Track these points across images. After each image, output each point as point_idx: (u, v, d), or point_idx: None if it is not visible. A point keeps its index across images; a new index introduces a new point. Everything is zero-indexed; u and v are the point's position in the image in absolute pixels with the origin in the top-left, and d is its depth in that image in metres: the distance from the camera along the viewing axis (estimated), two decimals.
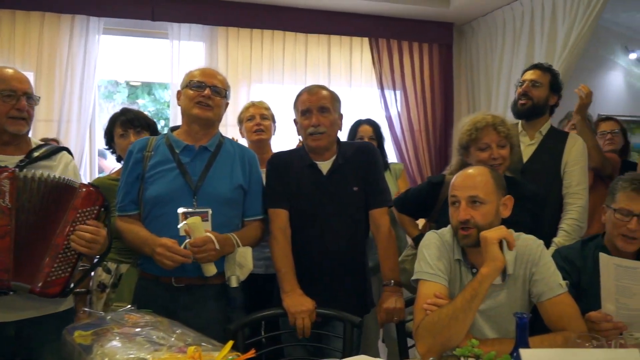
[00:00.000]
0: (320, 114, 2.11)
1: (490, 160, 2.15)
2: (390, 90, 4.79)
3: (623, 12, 4.75)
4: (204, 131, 2.05)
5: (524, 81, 2.69)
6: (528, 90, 2.66)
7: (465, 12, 4.71)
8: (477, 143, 2.18)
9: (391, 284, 2.13)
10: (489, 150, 2.16)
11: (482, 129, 2.18)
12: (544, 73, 2.69)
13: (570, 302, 1.67)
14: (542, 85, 2.65)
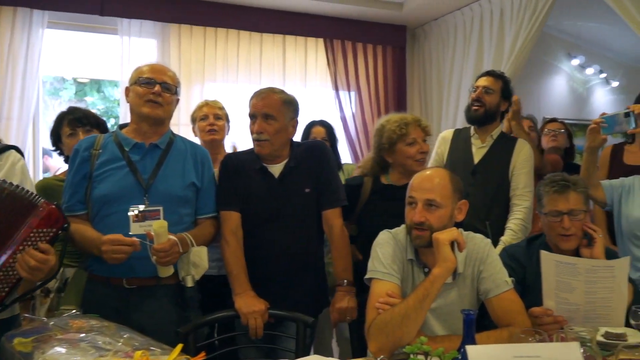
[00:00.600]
0: (264, 121, 2.09)
1: (418, 154, 2.25)
2: (345, 91, 4.83)
3: (566, 20, 4.96)
4: (154, 129, 2.01)
5: (477, 87, 2.76)
6: (481, 97, 2.73)
7: (417, 15, 4.80)
8: (406, 138, 2.27)
9: (344, 284, 2.14)
10: (417, 145, 2.27)
11: (410, 124, 2.29)
12: (496, 80, 2.77)
13: (516, 299, 1.73)
14: (494, 92, 2.73)
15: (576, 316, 1.74)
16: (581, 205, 1.96)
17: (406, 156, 2.28)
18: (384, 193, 2.34)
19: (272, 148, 2.12)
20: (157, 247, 1.81)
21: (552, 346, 1.22)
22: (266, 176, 2.15)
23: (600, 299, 1.74)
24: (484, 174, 2.66)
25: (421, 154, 2.28)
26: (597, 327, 1.62)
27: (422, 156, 2.28)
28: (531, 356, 1.13)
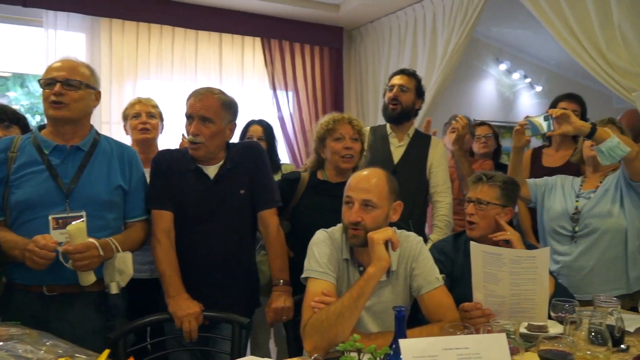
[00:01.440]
0: (201, 123, 2.04)
1: (343, 150, 2.27)
2: (283, 90, 4.82)
3: (494, 26, 5.19)
4: (72, 129, 1.91)
5: (393, 86, 2.82)
6: (398, 95, 2.79)
7: (354, 17, 4.87)
8: (333, 134, 2.29)
9: (280, 284, 2.14)
10: (344, 141, 2.29)
11: (339, 120, 2.32)
12: (410, 78, 2.84)
13: (446, 294, 1.79)
14: (409, 90, 2.80)
15: (503, 310, 1.82)
16: (490, 198, 2.07)
17: (333, 151, 2.30)
18: (318, 188, 2.36)
19: (206, 151, 2.08)
20: (70, 247, 1.72)
21: (480, 337, 1.28)
22: (201, 177, 2.11)
23: (524, 291, 1.83)
24: (404, 173, 2.71)
25: (347, 150, 2.28)
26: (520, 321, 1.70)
27: (347, 152, 2.28)
28: (460, 347, 1.18)
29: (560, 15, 3.11)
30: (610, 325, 1.60)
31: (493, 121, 5.40)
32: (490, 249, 1.85)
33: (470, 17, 3.81)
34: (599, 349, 1.48)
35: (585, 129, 2.12)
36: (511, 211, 2.17)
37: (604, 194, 2.31)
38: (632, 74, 2.78)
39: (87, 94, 1.91)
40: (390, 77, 2.92)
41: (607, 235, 2.27)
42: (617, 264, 2.27)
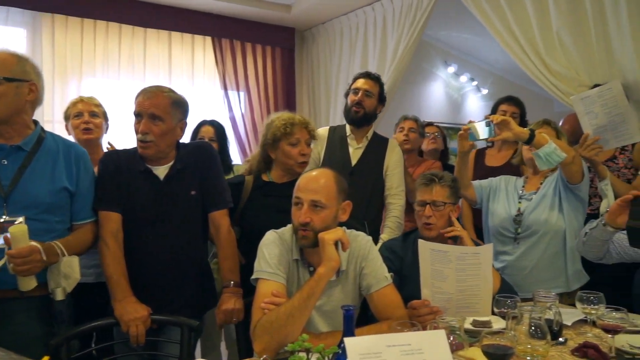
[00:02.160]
0: (151, 121, 1.99)
1: (299, 156, 2.28)
2: (234, 91, 4.79)
3: (442, 30, 5.32)
4: (11, 128, 1.80)
5: (358, 89, 2.84)
6: (362, 100, 2.81)
7: (305, 18, 4.89)
8: (290, 138, 2.28)
9: (230, 285, 2.11)
10: (299, 146, 2.29)
11: (296, 124, 2.30)
12: (375, 83, 2.88)
13: (394, 293, 1.82)
14: (373, 96, 2.84)
15: (449, 306, 1.87)
16: (444, 198, 2.13)
17: (287, 156, 2.29)
18: (264, 190, 2.35)
19: (156, 150, 2.02)
20: (13, 252, 1.63)
21: (421, 334, 1.31)
22: (151, 178, 2.05)
23: (469, 287, 1.89)
24: (361, 176, 2.76)
25: (302, 156, 2.30)
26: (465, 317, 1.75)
27: (303, 158, 2.30)
28: (403, 344, 1.20)
29: (503, 21, 3.22)
30: (549, 320, 1.66)
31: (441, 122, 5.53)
32: (437, 246, 1.89)
33: (419, 20, 3.89)
34: (538, 343, 1.54)
35: (524, 135, 2.20)
36: (459, 208, 2.24)
37: (543, 197, 2.40)
38: (569, 78, 2.91)
39: (10, 88, 1.75)
40: (355, 78, 2.92)
41: (547, 236, 2.36)
42: (557, 263, 2.37)
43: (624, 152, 2.66)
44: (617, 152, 2.65)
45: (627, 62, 2.71)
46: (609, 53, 2.80)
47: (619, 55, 2.75)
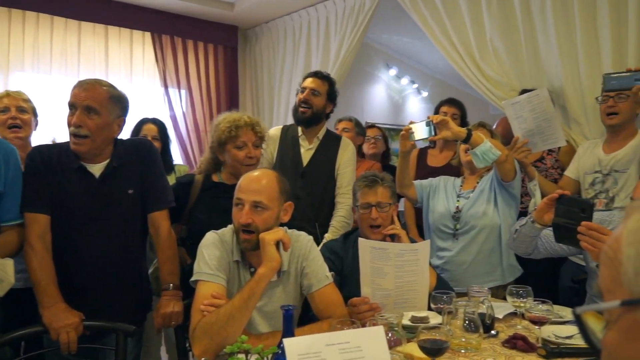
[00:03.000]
0: (86, 114, 1.88)
1: (246, 159, 2.25)
2: (175, 88, 4.68)
3: (384, 33, 5.42)
4: None
5: (305, 88, 2.82)
6: (309, 99, 2.79)
7: (248, 17, 4.85)
8: (236, 141, 2.25)
9: (170, 288, 2.06)
10: (246, 148, 2.26)
11: (241, 127, 2.25)
12: (323, 82, 2.84)
13: (335, 292, 1.83)
14: (321, 95, 2.81)
15: (388, 302, 1.91)
16: (387, 199, 2.17)
17: (234, 159, 2.26)
18: (214, 191, 2.31)
19: (91, 146, 1.92)
20: None
21: (360, 331, 1.33)
22: (85, 176, 1.96)
23: (407, 283, 1.94)
24: (312, 177, 2.74)
25: (249, 159, 2.26)
26: (403, 313, 1.80)
27: (250, 161, 2.26)
28: (342, 342, 1.22)
29: (441, 27, 3.33)
30: (482, 314, 1.73)
31: (383, 124, 5.64)
32: (377, 244, 1.93)
33: (362, 22, 3.95)
34: (472, 336, 1.61)
35: (462, 134, 2.29)
36: (397, 206, 2.29)
37: (480, 194, 2.50)
38: (502, 83, 3.04)
39: None
40: (304, 78, 2.90)
41: (484, 231, 2.45)
42: (493, 257, 2.47)
43: (551, 153, 2.81)
44: (545, 153, 2.80)
45: (553, 69, 2.87)
46: (538, 60, 2.95)
47: (546, 63, 2.91)
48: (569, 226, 1.75)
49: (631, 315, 0.48)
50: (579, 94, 2.78)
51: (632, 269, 0.48)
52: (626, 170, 2.33)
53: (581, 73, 2.76)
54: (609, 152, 2.42)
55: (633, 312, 0.47)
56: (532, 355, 1.57)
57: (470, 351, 1.59)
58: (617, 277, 0.50)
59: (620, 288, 0.49)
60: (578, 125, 2.81)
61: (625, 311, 0.48)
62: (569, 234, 1.75)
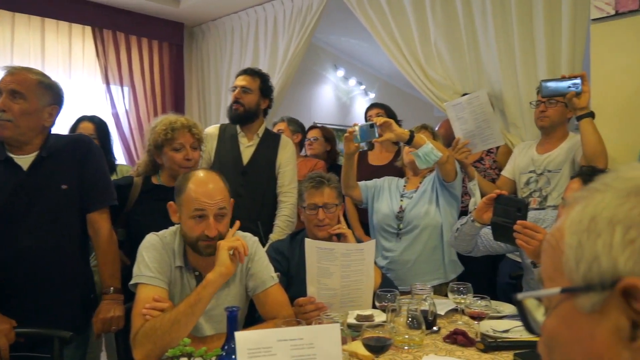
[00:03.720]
0: (11, 98, 1.82)
1: (184, 161, 2.22)
2: (118, 85, 4.53)
3: (332, 34, 5.46)
4: None
5: (236, 87, 2.79)
6: (240, 97, 2.76)
7: (195, 14, 4.76)
8: (172, 143, 2.21)
9: (110, 292, 2.00)
10: (184, 151, 2.23)
11: (178, 129, 2.22)
12: (253, 79, 2.80)
13: (281, 292, 1.83)
14: (252, 92, 2.78)
15: (334, 301, 1.93)
16: (334, 200, 2.19)
17: (172, 161, 2.22)
18: (153, 193, 2.26)
19: (15, 132, 1.84)
20: None
21: (314, 328, 1.33)
22: (12, 168, 1.86)
23: (353, 282, 1.97)
24: (254, 174, 2.72)
25: (187, 161, 2.22)
26: (348, 312, 1.82)
27: (188, 163, 2.22)
28: (294, 339, 1.21)
29: (387, 30, 3.40)
30: (424, 311, 1.78)
31: (331, 124, 5.69)
32: (323, 244, 1.94)
33: (309, 23, 3.96)
34: (415, 332, 1.65)
35: (405, 136, 2.34)
36: (343, 206, 2.32)
37: (422, 194, 2.56)
38: (445, 86, 3.14)
39: None
40: (236, 76, 2.87)
41: (426, 230, 2.51)
42: (436, 255, 2.53)
43: (490, 154, 2.92)
44: (484, 154, 2.91)
45: (493, 74, 2.99)
46: (479, 65, 3.06)
47: (487, 68, 3.02)
48: (506, 225, 1.83)
49: (570, 303, 0.50)
50: (516, 98, 2.90)
51: (573, 257, 0.50)
52: (559, 171, 2.45)
53: (518, 79, 2.88)
54: (542, 152, 2.54)
55: (572, 299, 0.50)
56: (471, 350, 1.63)
57: (413, 347, 1.63)
58: (558, 265, 0.52)
59: (561, 276, 0.51)
60: (516, 128, 2.93)
61: (564, 298, 0.50)
62: (506, 232, 1.83)
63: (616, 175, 0.52)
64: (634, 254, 0.46)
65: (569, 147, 2.44)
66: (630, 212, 0.47)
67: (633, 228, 0.46)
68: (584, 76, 2.22)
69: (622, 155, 2.39)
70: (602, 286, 0.47)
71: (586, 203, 0.51)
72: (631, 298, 0.45)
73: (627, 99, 2.41)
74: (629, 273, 0.45)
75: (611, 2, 2.40)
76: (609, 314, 0.46)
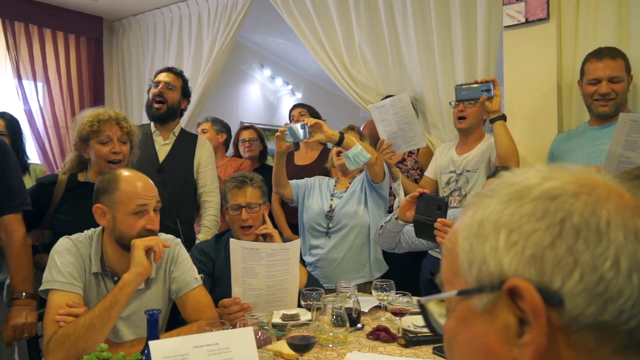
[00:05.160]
0: None
1: (110, 155, 2.13)
2: (30, 80, 4.26)
3: (259, 33, 5.43)
4: None
5: (159, 82, 2.74)
6: (164, 92, 2.71)
7: (114, 8, 4.58)
8: (99, 136, 2.11)
9: (22, 297, 1.89)
10: (111, 144, 2.13)
11: (105, 121, 2.12)
12: (177, 77, 2.79)
13: (204, 294, 1.80)
14: (175, 89, 2.76)
15: (259, 301, 1.91)
16: (257, 199, 2.18)
17: (98, 155, 2.12)
18: (79, 190, 2.14)
19: None
20: None
21: (229, 332, 1.32)
22: None
23: (279, 282, 1.96)
24: (171, 172, 2.68)
25: (114, 154, 2.13)
26: (272, 311, 1.82)
27: (115, 157, 2.13)
28: (210, 344, 1.20)
29: (313, 32, 3.43)
30: (349, 308, 1.81)
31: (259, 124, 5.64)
32: (248, 244, 1.93)
33: (235, 21, 3.92)
34: (339, 330, 1.67)
35: (335, 138, 2.37)
36: (269, 206, 2.31)
37: (351, 195, 2.60)
38: (370, 88, 3.21)
39: None
40: (156, 74, 2.82)
41: (355, 229, 2.56)
42: (362, 254, 2.59)
43: (411, 155, 3.02)
44: (406, 155, 3.00)
45: (414, 76, 3.09)
46: (402, 68, 3.16)
47: (409, 71, 3.12)
48: (427, 222, 1.90)
49: (466, 304, 0.52)
50: (436, 100, 3.02)
51: (466, 260, 0.52)
52: (476, 170, 2.57)
53: (438, 81, 3.00)
54: (461, 153, 2.66)
55: (467, 300, 0.52)
56: (393, 345, 1.67)
57: (337, 345, 1.65)
58: (455, 268, 0.54)
59: (458, 278, 0.53)
60: (436, 129, 3.05)
61: (461, 299, 0.53)
62: (427, 230, 1.90)
63: (501, 181, 0.55)
64: (516, 255, 0.48)
65: (485, 148, 2.57)
66: (512, 216, 0.50)
67: (515, 231, 0.49)
68: (495, 81, 2.35)
69: (533, 156, 2.55)
70: (491, 287, 0.49)
71: (476, 209, 0.54)
72: (516, 297, 0.47)
73: (538, 102, 2.58)
74: (513, 274, 0.48)
75: (522, 10, 2.55)
76: (499, 313, 0.49)
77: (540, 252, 0.47)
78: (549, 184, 0.51)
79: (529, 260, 0.47)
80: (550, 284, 0.46)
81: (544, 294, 0.46)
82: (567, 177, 0.51)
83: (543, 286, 0.46)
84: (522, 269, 0.48)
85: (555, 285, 0.46)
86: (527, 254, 0.48)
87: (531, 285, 0.46)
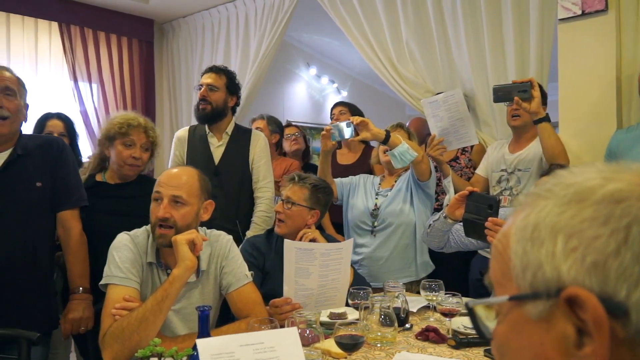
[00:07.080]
0: (5, 96, 1.83)
1: (130, 159, 2.21)
2: (86, 82, 4.43)
3: (305, 33, 5.45)
4: None
5: (202, 85, 2.75)
6: (206, 95, 2.71)
7: (164, 10, 4.69)
8: (124, 138, 2.21)
9: (79, 291, 1.97)
10: (134, 148, 2.22)
11: (135, 127, 2.22)
12: (219, 76, 2.76)
13: (254, 290, 1.82)
14: (219, 89, 2.73)
15: (310, 301, 1.92)
16: (299, 199, 2.19)
17: (119, 156, 2.21)
18: (94, 190, 2.22)
19: (12, 128, 1.87)
20: None
21: (274, 332, 1.33)
22: None
23: (331, 281, 1.96)
24: (226, 174, 2.69)
25: (134, 159, 2.21)
26: (320, 310, 1.82)
27: (134, 162, 2.22)
28: (255, 343, 1.21)
29: (360, 29, 3.41)
30: (397, 308, 1.79)
31: (304, 122, 5.67)
32: (303, 245, 1.94)
33: (281, 21, 3.95)
34: (387, 330, 1.65)
35: (381, 136, 2.35)
36: (317, 214, 2.24)
37: (397, 193, 2.58)
38: (417, 84, 3.16)
39: None
40: (202, 74, 2.83)
41: (400, 228, 2.53)
42: (408, 253, 2.55)
43: (465, 153, 2.95)
44: (459, 152, 2.95)
45: (464, 72, 3.02)
46: (451, 64, 3.09)
47: (458, 66, 3.06)
48: (477, 221, 1.85)
49: (519, 310, 0.49)
50: (487, 97, 2.94)
51: (520, 265, 0.49)
52: (528, 170, 2.49)
53: (489, 78, 2.92)
54: (514, 152, 2.58)
55: (521, 306, 0.49)
56: (443, 346, 1.64)
57: (385, 345, 1.63)
58: (506, 271, 0.51)
59: (509, 282, 0.51)
60: (487, 127, 2.97)
61: (513, 305, 0.50)
62: (477, 229, 1.85)
63: (558, 180, 0.51)
64: (575, 262, 0.45)
65: (538, 147, 2.49)
66: (571, 220, 0.47)
67: (574, 236, 0.46)
68: (533, 81, 2.26)
69: (589, 154, 2.45)
70: (547, 294, 0.46)
71: (530, 210, 0.51)
72: (576, 306, 0.44)
73: (595, 97, 2.47)
74: (572, 282, 0.45)
75: (578, 2, 2.45)
76: (556, 322, 0.46)
77: (603, 259, 0.44)
78: (612, 186, 0.47)
79: (590, 268, 0.44)
80: (614, 295, 0.43)
81: (608, 305, 0.43)
82: (632, 178, 0.48)
83: (606, 296, 0.43)
84: (582, 277, 0.45)
85: (620, 296, 0.43)
86: (588, 261, 0.44)
87: (593, 295, 0.43)
